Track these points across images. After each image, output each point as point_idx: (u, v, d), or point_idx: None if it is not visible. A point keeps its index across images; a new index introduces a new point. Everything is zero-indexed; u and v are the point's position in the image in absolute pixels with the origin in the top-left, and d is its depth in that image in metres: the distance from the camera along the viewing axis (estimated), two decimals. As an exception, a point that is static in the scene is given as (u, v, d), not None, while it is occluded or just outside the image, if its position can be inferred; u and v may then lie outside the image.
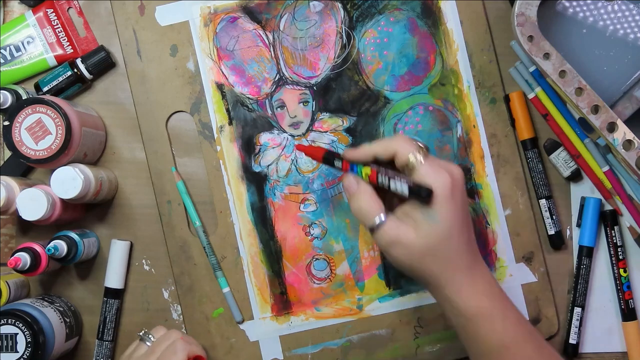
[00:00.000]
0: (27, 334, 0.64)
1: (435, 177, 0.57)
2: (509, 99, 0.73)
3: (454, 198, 0.57)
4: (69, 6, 0.75)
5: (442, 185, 0.57)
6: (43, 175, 0.74)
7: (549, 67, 0.65)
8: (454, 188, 0.57)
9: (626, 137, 0.64)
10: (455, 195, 0.57)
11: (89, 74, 0.73)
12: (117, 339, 0.74)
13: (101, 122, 0.74)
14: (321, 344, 0.72)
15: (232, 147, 0.73)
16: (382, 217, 0.58)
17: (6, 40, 0.74)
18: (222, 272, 0.72)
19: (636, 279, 0.73)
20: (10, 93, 0.71)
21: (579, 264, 0.72)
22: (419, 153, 0.58)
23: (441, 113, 0.73)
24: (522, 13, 0.65)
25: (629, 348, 0.72)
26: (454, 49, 0.73)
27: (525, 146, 0.73)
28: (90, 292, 0.74)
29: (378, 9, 0.73)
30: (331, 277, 0.73)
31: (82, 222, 0.74)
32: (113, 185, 0.73)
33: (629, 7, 0.70)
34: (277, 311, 0.73)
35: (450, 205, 0.57)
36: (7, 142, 0.67)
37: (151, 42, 0.73)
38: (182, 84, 0.73)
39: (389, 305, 0.73)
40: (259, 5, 0.73)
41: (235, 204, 0.73)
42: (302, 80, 0.73)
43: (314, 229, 0.73)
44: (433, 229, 0.57)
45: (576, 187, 0.74)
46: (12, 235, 0.75)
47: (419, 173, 0.58)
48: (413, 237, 0.57)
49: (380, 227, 0.58)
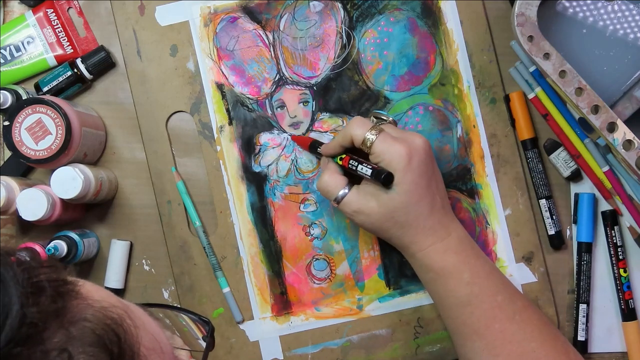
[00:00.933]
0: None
1: (390, 151, 0.61)
2: (509, 99, 0.73)
3: (411, 167, 0.61)
4: (69, 6, 0.75)
5: (397, 157, 0.61)
6: (43, 175, 0.74)
7: (549, 67, 0.65)
8: (411, 158, 0.61)
9: (626, 137, 0.64)
10: (412, 164, 0.61)
11: (89, 74, 0.73)
12: (117, 339, 0.74)
13: (101, 122, 0.74)
14: (321, 344, 0.72)
15: (232, 147, 0.73)
16: (345, 190, 0.64)
17: (6, 40, 0.74)
18: (222, 272, 0.72)
19: (636, 279, 0.73)
20: (10, 93, 0.71)
21: (579, 260, 0.72)
22: (372, 131, 0.62)
23: (441, 113, 0.73)
24: (522, 13, 0.65)
25: (629, 348, 0.72)
26: (454, 49, 0.73)
27: (525, 146, 0.73)
28: (90, 292, 0.74)
29: (378, 9, 0.73)
30: (331, 277, 0.73)
31: (82, 222, 0.74)
32: (113, 185, 0.73)
33: (629, 7, 0.70)
34: (277, 311, 0.73)
35: (406, 175, 0.61)
36: (7, 142, 0.67)
37: (151, 42, 0.73)
38: (182, 84, 0.73)
39: (389, 305, 0.73)
40: (259, 5, 0.73)
41: (235, 204, 0.73)
42: (302, 80, 0.73)
43: (314, 229, 0.73)
44: (391, 198, 0.61)
45: (576, 187, 0.74)
46: (12, 235, 0.75)
47: (374, 151, 0.62)
48: (373, 206, 0.62)
49: (343, 199, 0.64)
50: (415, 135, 0.63)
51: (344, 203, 0.64)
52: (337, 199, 0.64)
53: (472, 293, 0.62)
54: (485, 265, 0.64)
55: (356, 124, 0.63)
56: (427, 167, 0.62)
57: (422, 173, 0.61)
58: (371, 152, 0.62)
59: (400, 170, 0.61)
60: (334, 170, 0.65)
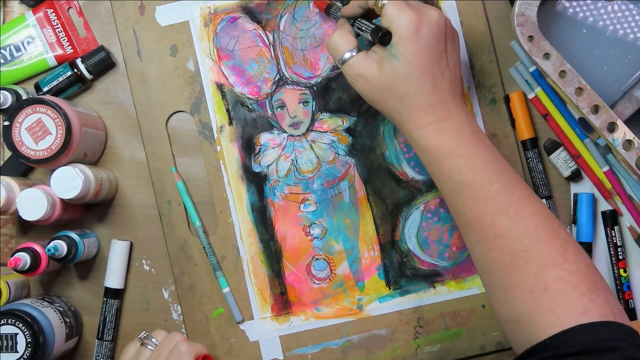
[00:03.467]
0: (27, 334, 0.64)
1: (399, 15, 0.59)
2: (509, 99, 0.73)
3: (419, 37, 0.58)
4: (69, 6, 0.75)
5: (406, 24, 0.58)
6: (43, 175, 0.74)
7: (549, 67, 0.65)
8: (420, 28, 0.58)
9: (626, 137, 0.64)
10: (420, 34, 0.58)
11: (89, 74, 0.73)
12: (117, 339, 0.74)
13: (101, 122, 0.74)
14: (321, 344, 0.72)
15: (232, 147, 0.73)
16: (353, 52, 0.62)
17: (6, 40, 0.74)
18: (222, 272, 0.72)
19: (636, 279, 0.73)
20: (10, 93, 0.71)
21: (579, 263, 0.72)
22: None
23: (441, 113, 0.73)
24: (522, 13, 0.65)
25: (629, 348, 0.72)
26: (454, 49, 0.73)
27: (525, 146, 0.73)
28: (90, 292, 0.74)
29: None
30: (331, 277, 0.73)
31: (82, 222, 0.74)
32: (113, 185, 0.73)
33: (629, 7, 0.70)
34: (277, 311, 0.73)
35: (412, 44, 0.58)
36: (7, 142, 0.67)
37: (151, 42, 0.73)
38: (182, 84, 0.73)
39: (389, 305, 0.73)
40: (259, 5, 0.73)
41: (235, 204, 0.73)
42: (302, 80, 0.73)
43: (314, 229, 0.73)
44: (393, 65, 0.59)
45: (576, 187, 0.74)
46: (12, 235, 0.75)
47: (385, 13, 0.60)
48: (375, 72, 0.60)
49: (348, 60, 0.62)
50: (432, 7, 0.61)
51: (348, 64, 0.62)
52: (343, 59, 0.62)
53: (464, 180, 0.59)
54: (485, 152, 0.60)
55: None
56: (437, 41, 0.59)
57: (430, 46, 0.59)
58: (382, 14, 0.60)
59: (406, 38, 0.58)
60: (346, 30, 0.64)
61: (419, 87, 0.59)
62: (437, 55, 0.60)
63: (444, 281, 0.73)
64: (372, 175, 0.73)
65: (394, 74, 0.59)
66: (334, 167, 0.73)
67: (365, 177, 0.73)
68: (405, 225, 0.73)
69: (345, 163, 0.73)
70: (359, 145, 0.73)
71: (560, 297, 0.55)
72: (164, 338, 0.66)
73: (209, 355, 0.66)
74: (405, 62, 0.59)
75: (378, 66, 0.60)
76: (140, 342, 0.66)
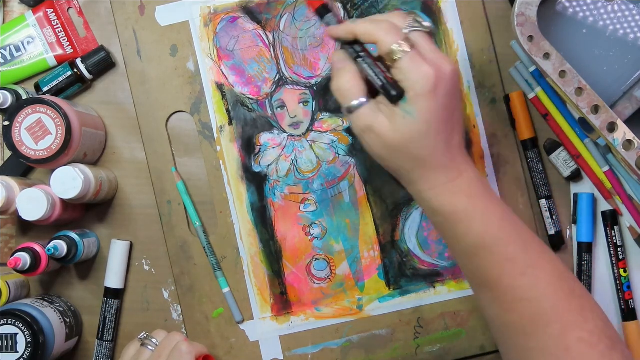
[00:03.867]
0: (27, 334, 0.64)
1: (416, 71, 0.54)
2: (509, 99, 0.73)
3: (436, 95, 0.55)
4: (69, 6, 0.75)
5: (423, 80, 0.54)
6: (43, 175, 0.74)
7: (549, 67, 0.65)
8: (438, 84, 0.55)
9: (626, 137, 0.64)
10: (438, 91, 0.55)
11: (89, 74, 0.73)
12: (117, 339, 0.74)
13: (101, 122, 0.74)
14: (321, 344, 0.72)
15: (232, 147, 0.73)
16: (362, 100, 0.57)
17: (6, 40, 0.74)
18: (222, 272, 0.72)
19: (636, 279, 0.73)
20: (10, 93, 0.71)
21: (579, 260, 0.72)
22: (404, 44, 0.55)
23: (441, 113, 0.73)
24: (522, 13, 0.65)
25: (629, 348, 0.72)
26: (454, 49, 0.73)
27: (525, 146, 0.73)
28: (90, 292, 0.74)
29: (378, 9, 0.73)
30: (331, 277, 0.73)
31: (82, 222, 0.74)
32: (113, 185, 0.73)
33: (629, 7, 0.70)
34: (277, 311, 0.73)
35: (430, 102, 0.55)
36: (7, 142, 0.67)
37: (151, 42, 0.73)
38: (182, 84, 0.73)
39: (389, 305, 0.73)
40: (259, 5, 0.73)
41: (235, 204, 0.73)
42: (302, 80, 0.73)
43: (314, 229, 0.73)
44: (408, 123, 0.55)
45: (576, 187, 0.74)
46: (12, 235, 0.75)
47: (399, 66, 0.55)
48: (387, 128, 0.56)
49: (358, 109, 0.57)
50: (448, 60, 0.56)
51: (358, 115, 0.57)
52: (352, 108, 0.57)
53: (480, 244, 0.56)
54: (497, 210, 0.57)
55: (388, 28, 0.56)
56: (452, 98, 0.56)
57: (446, 105, 0.55)
58: (395, 66, 0.55)
59: (424, 96, 0.54)
60: (354, 73, 0.57)
61: (433, 148, 0.56)
62: (451, 113, 0.56)
63: (444, 281, 0.73)
64: (372, 175, 0.73)
65: (409, 133, 0.55)
66: (334, 167, 0.73)
67: (365, 177, 0.73)
68: (405, 225, 0.73)
69: (345, 163, 0.73)
70: (359, 145, 0.73)
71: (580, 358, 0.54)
72: (164, 338, 0.66)
73: (209, 355, 0.66)
74: (423, 121, 0.55)
75: (390, 121, 0.56)
76: (140, 343, 0.66)
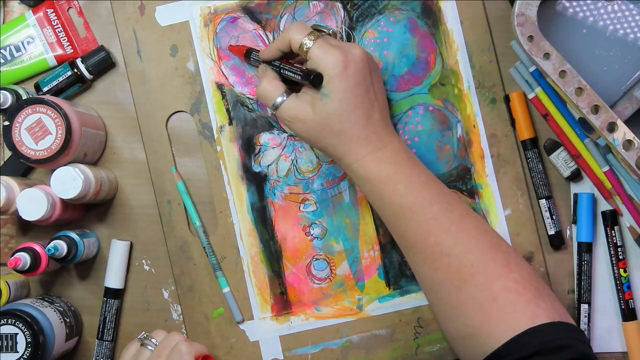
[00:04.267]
0: (27, 334, 0.64)
1: (325, 57, 0.61)
2: (509, 99, 0.73)
3: (347, 75, 0.61)
4: (69, 6, 0.75)
5: (333, 63, 0.61)
6: (43, 175, 0.74)
7: (549, 67, 0.65)
8: (347, 66, 0.61)
9: (626, 137, 0.64)
10: (348, 72, 0.61)
11: (89, 74, 0.73)
12: (117, 339, 0.74)
13: (101, 122, 0.74)
14: (321, 344, 0.72)
15: (232, 147, 0.73)
16: (283, 97, 0.64)
17: (6, 40, 0.74)
18: (222, 272, 0.72)
19: (636, 279, 0.73)
20: (10, 93, 0.71)
21: (579, 260, 0.72)
22: (310, 37, 0.62)
23: (441, 113, 0.73)
24: (522, 13, 0.65)
25: (629, 348, 0.72)
26: (454, 49, 0.73)
27: (525, 146, 0.73)
28: (90, 292, 0.74)
29: (378, 9, 0.73)
30: (331, 277, 0.73)
31: (82, 222, 0.74)
32: (113, 185, 0.73)
33: (629, 7, 0.70)
34: (277, 311, 0.73)
35: (342, 82, 0.61)
36: (7, 142, 0.67)
37: (151, 42, 0.73)
38: (182, 84, 0.73)
39: (389, 305, 0.73)
40: (259, 5, 0.73)
41: (235, 204, 0.73)
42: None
43: (314, 229, 0.73)
44: (326, 104, 0.62)
45: (576, 187, 0.74)
46: (12, 235, 0.75)
47: (310, 57, 0.62)
48: (309, 112, 0.63)
49: (281, 105, 0.64)
50: (354, 45, 0.64)
51: (282, 109, 0.64)
52: (275, 104, 0.64)
53: (405, 205, 0.62)
54: (422, 176, 0.63)
55: (295, 28, 0.63)
56: (364, 76, 0.62)
57: (358, 81, 0.62)
58: (307, 57, 0.62)
59: (336, 77, 0.61)
60: (272, 76, 0.66)
61: (353, 122, 0.62)
62: (365, 90, 0.62)
63: (444, 281, 0.73)
64: (372, 175, 0.73)
65: (328, 112, 0.62)
66: (334, 167, 0.73)
67: (365, 177, 0.73)
68: (405, 225, 0.73)
69: (345, 163, 0.73)
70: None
71: (508, 306, 0.57)
72: (163, 338, 0.66)
73: (209, 355, 0.66)
74: (338, 100, 0.61)
75: (311, 106, 0.62)
76: (140, 343, 0.66)
